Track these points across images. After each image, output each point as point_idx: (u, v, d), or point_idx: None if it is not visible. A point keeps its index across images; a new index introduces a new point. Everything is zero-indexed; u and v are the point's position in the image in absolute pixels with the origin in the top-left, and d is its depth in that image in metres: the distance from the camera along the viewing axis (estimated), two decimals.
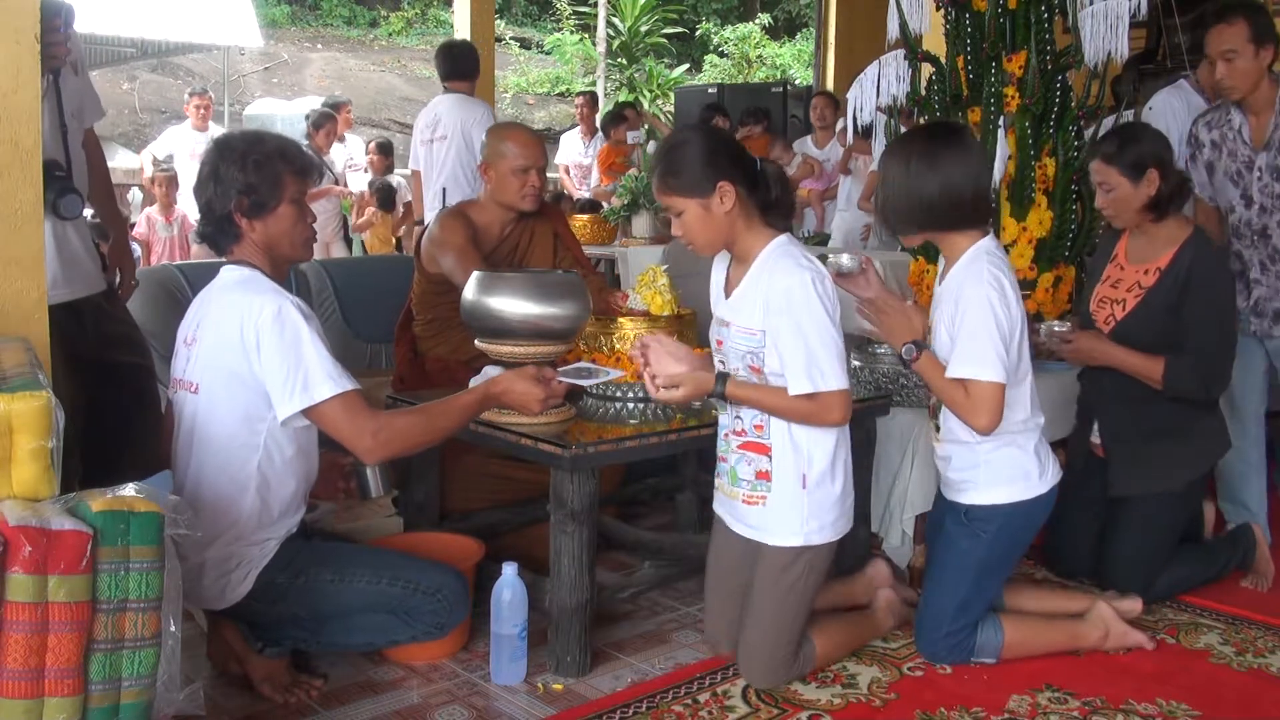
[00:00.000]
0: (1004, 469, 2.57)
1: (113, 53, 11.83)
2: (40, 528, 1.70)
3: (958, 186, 2.47)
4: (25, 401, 1.74)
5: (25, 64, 2.09)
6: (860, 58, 4.59)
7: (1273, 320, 3.25)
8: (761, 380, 2.41)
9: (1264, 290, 3.26)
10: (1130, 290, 2.99)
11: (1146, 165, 2.87)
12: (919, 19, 3.78)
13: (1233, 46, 3.15)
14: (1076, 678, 2.57)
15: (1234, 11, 3.21)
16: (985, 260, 2.49)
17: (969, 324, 2.45)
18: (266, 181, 2.39)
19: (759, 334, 2.37)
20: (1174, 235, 2.94)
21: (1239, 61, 3.16)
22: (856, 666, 2.61)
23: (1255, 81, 3.18)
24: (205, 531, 2.30)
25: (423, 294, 3.41)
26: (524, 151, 3.27)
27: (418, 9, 18.50)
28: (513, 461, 3.05)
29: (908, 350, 2.54)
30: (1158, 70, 6.35)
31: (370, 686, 2.51)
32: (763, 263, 2.40)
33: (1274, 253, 3.22)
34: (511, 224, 3.38)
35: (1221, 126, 3.32)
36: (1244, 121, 3.25)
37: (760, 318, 2.36)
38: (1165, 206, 2.92)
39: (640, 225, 5.90)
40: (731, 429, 2.50)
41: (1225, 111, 3.31)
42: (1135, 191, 2.90)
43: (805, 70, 15.53)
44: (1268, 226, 3.22)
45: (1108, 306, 3.04)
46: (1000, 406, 2.45)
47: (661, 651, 2.72)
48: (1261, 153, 3.22)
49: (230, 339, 2.31)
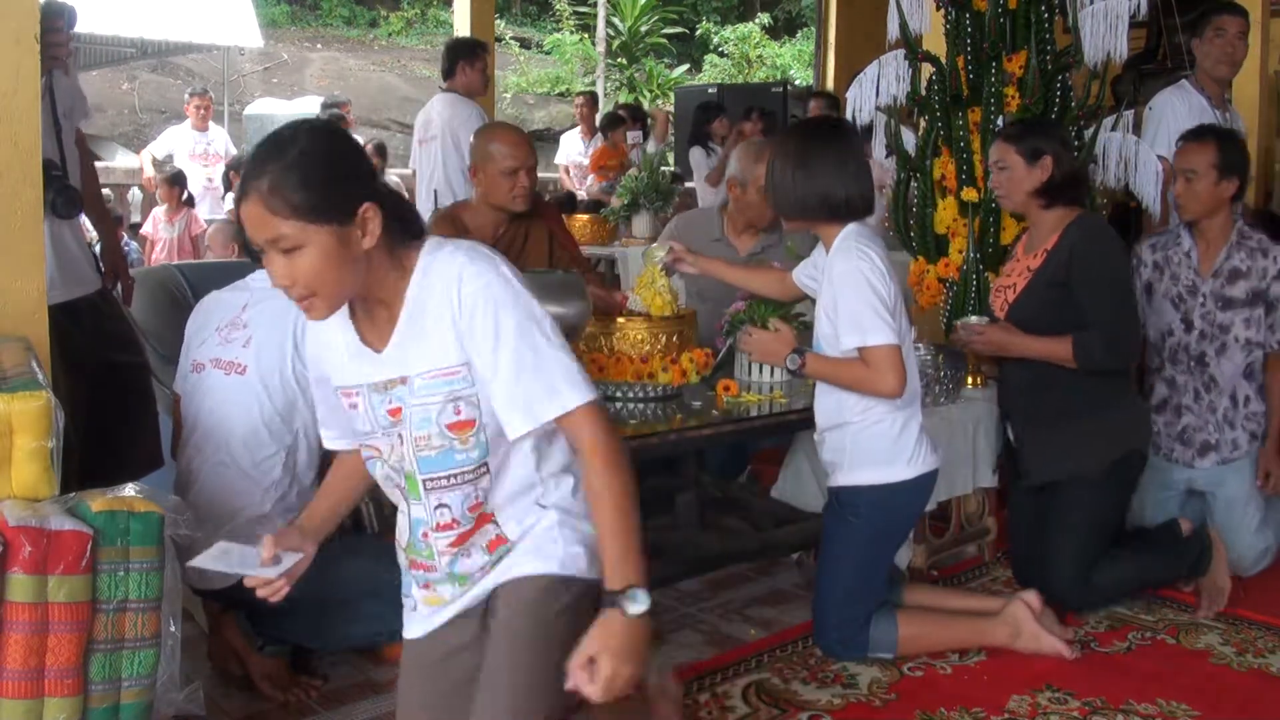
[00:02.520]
0: (869, 451, 2.57)
1: (113, 53, 11.82)
2: (40, 528, 1.70)
3: (829, 186, 2.53)
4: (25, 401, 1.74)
5: (25, 64, 2.09)
6: (860, 58, 4.59)
7: (1198, 451, 3.20)
8: (464, 435, 1.72)
9: (1193, 419, 3.21)
10: (1020, 275, 3.00)
11: (1043, 152, 2.90)
12: (919, 19, 3.78)
13: (1194, 167, 3.12)
14: (1076, 678, 2.57)
15: (1207, 134, 3.19)
16: (853, 239, 2.54)
17: (845, 298, 2.49)
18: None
19: (460, 369, 1.70)
20: (1060, 221, 2.94)
21: (1198, 183, 3.12)
22: (857, 667, 2.61)
23: (1211, 208, 3.14)
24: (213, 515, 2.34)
25: None
26: (512, 152, 3.25)
27: (418, 9, 18.50)
28: None
29: (791, 360, 2.62)
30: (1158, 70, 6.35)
31: (370, 686, 2.51)
32: (425, 278, 1.71)
33: (1209, 381, 3.18)
34: (505, 225, 3.37)
35: (1168, 249, 3.27)
36: (1193, 246, 3.21)
37: (456, 349, 1.69)
38: (1055, 195, 2.93)
39: (640, 225, 5.91)
40: (432, 524, 1.79)
41: (1175, 234, 3.28)
42: (1028, 174, 2.92)
43: (805, 70, 15.52)
44: (1206, 354, 3.18)
45: (1002, 294, 3.05)
46: (900, 366, 2.47)
47: (662, 651, 2.72)
48: (1209, 280, 3.17)
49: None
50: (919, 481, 2.60)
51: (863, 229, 2.59)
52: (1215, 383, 3.19)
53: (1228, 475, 3.19)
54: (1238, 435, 3.19)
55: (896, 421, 2.56)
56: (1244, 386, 3.18)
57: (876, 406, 2.54)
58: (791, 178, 2.57)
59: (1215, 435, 3.19)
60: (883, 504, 2.58)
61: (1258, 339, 3.16)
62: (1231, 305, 3.15)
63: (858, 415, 2.56)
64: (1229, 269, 3.16)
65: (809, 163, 2.55)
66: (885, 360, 2.46)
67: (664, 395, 2.89)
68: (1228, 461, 3.19)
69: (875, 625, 2.60)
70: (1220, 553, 3.02)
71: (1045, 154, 2.91)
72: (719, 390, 2.94)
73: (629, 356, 2.89)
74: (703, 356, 2.97)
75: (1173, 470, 3.25)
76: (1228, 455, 3.19)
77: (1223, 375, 3.18)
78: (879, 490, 2.57)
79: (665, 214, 5.87)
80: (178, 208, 6.80)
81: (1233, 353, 3.17)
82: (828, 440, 2.64)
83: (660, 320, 2.96)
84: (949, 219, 3.62)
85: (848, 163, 2.56)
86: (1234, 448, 3.19)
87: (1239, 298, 3.15)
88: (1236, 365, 3.17)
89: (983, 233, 3.54)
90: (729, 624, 2.91)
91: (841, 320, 2.51)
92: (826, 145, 2.57)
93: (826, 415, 2.63)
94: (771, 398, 2.97)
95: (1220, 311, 3.16)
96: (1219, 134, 3.21)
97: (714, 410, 2.85)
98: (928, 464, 2.61)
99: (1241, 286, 3.14)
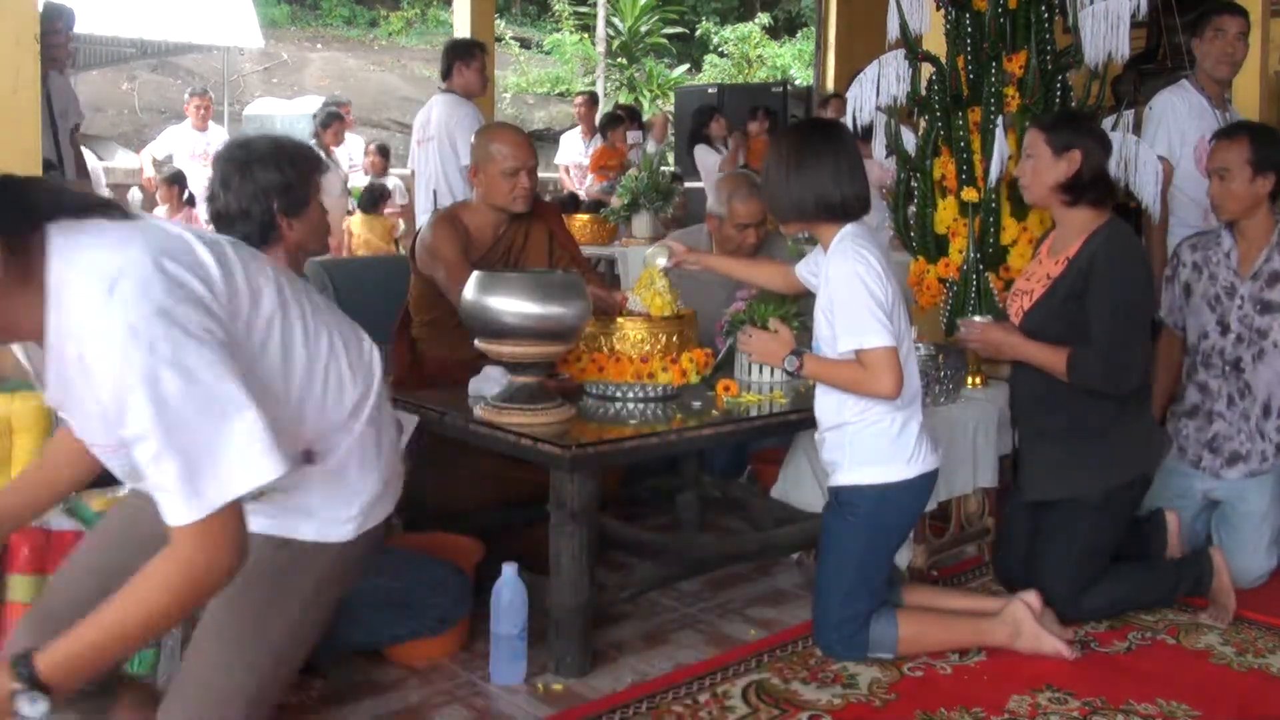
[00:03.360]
0: (869, 450, 2.56)
1: (113, 53, 11.83)
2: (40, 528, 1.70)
3: (824, 187, 2.54)
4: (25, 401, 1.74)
5: (25, 64, 2.10)
6: (860, 58, 4.59)
7: (1227, 461, 3.12)
8: None
9: (1224, 427, 3.12)
10: (1040, 281, 2.91)
11: (1073, 145, 2.82)
12: (919, 19, 3.78)
13: (1227, 165, 3.04)
14: (1076, 678, 2.57)
15: (1240, 130, 3.10)
16: (849, 240, 2.54)
17: (841, 300, 2.50)
18: (301, 179, 2.41)
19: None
20: (1087, 225, 2.85)
21: (1232, 181, 3.05)
22: (856, 667, 2.61)
23: (1249, 206, 3.06)
24: None
25: (419, 295, 3.40)
26: (513, 153, 3.25)
27: (418, 9, 18.50)
28: (513, 461, 3.05)
29: (789, 362, 2.62)
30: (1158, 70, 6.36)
31: (370, 686, 2.51)
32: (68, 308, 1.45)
33: (1244, 388, 3.09)
34: (505, 225, 3.37)
35: (1208, 248, 3.19)
36: (1234, 246, 3.13)
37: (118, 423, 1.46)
38: (1080, 192, 2.83)
39: (640, 225, 5.91)
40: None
41: (1215, 234, 3.21)
42: (1054, 165, 2.83)
43: (805, 70, 15.53)
44: (1242, 359, 3.09)
45: (1019, 298, 2.97)
46: (897, 367, 2.47)
47: (661, 651, 2.72)
48: (1248, 282, 3.08)
49: None
50: (919, 481, 2.60)
51: (860, 229, 2.59)
52: (1250, 389, 3.10)
53: (1250, 489, 3.11)
54: (1266, 447, 3.10)
55: (896, 421, 2.56)
56: (1279, 395, 3.09)
57: (876, 406, 2.54)
58: (785, 180, 2.57)
59: (1247, 445, 3.11)
60: (883, 503, 2.58)
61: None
62: (1271, 309, 3.06)
63: (857, 415, 2.56)
64: (1269, 271, 3.07)
65: (803, 164, 2.55)
66: (881, 362, 2.47)
67: (664, 395, 2.90)
68: (1255, 474, 3.10)
69: (875, 625, 2.60)
70: (1223, 571, 2.91)
71: (1074, 148, 2.81)
72: (719, 390, 2.94)
73: (629, 356, 2.90)
74: (703, 356, 2.97)
75: (1195, 479, 3.17)
76: (1256, 468, 3.10)
77: (1258, 382, 3.09)
78: (879, 490, 2.57)
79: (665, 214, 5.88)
80: (178, 207, 6.80)
81: (1271, 359, 3.07)
82: (828, 440, 2.64)
83: (660, 320, 2.96)
84: (949, 219, 3.62)
85: (841, 163, 2.55)
86: (1263, 459, 3.10)
87: (1278, 301, 3.06)
88: (1275, 372, 3.08)
89: (983, 233, 3.55)
90: (729, 624, 2.91)
91: (839, 322, 2.52)
92: (820, 146, 2.57)
93: (827, 415, 2.63)
94: (771, 398, 2.98)
95: (1259, 315, 3.07)
96: (1252, 129, 3.13)
97: (714, 410, 2.86)
98: (928, 464, 2.60)
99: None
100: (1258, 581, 3.11)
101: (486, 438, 2.69)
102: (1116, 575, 2.88)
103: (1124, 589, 2.89)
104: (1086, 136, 2.85)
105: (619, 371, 2.88)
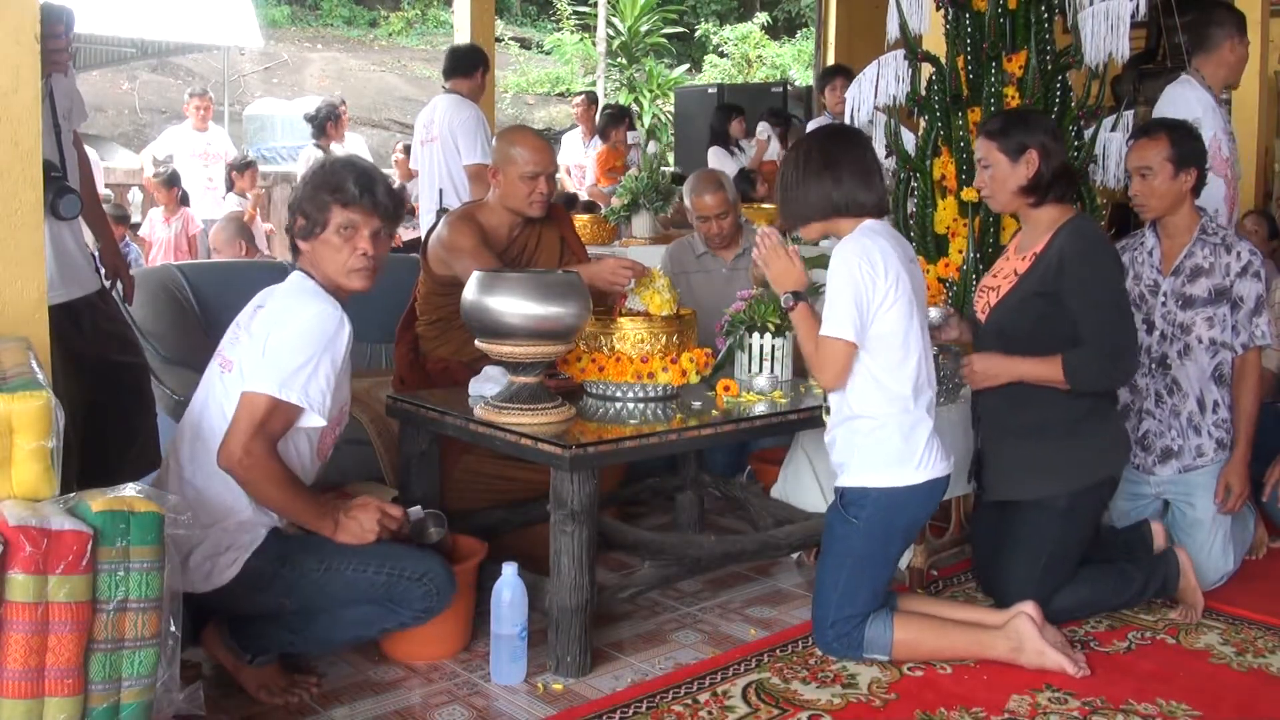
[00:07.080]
0: (877, 452, 2.56)
1: (113, 53, 11.81)
2: (40, 528, 1.70)
3: (850, 191, 2.56)
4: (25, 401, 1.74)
5: (25, 64, 2.09)
6: (860, 58, 4.60)
7: (1159, 458, 3.13)
8: None
9: (1153, 424, 3.14)
10: (1006, 278, 2.89)
11: (1027, 146, 2.78)
12: (919, 19, 3.78)
13: (1148, 164, 3.05)
14: (1076, 678, 2.57)
15: (1159, 128, 3.10)
16: (861, 234, 2.56)
17: (830, 285, 2.53)
18: (313, 207, 2.49)
19: None
20: (1053, 221, 2.83)
21: (1154, 179, 3.05)
22: (856, 666, 2.61)
23: (1171, 203, 3.07)
24: (204, 514, 2.32)
25: (428, 295, 3.40)
26: (534, 158, 3.26)
27: (418, 9, 18.51)
28: (513, 461, 3.05)
29: (786, 299, 2.63)
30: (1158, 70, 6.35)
31: (370, 686, 2.51)
32: None
33: (1172, 385, 3.11)
34: (519, 228, 3.38)
35: (1134, 250, 3.20)
36: (1156, 245, 3.14)
37: None
38: (1044, 191, 2.81)
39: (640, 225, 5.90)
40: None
41: (1141, 235, 3.22)
42: (1012, 171, 2.80)
43: (805, 70, 15.52)
44: (1168, 356, 3.10)
45: (985, 294, 2.96)
46: (845, 367, 2.51)
47: (661, 651, 2.72)
48: (1169, 278, 3.10)
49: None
50: (926, 487, 2.58)
51: (879, 225, 2.59)
52: (1179, 386, 3.11)
53: (1197, 492, 3.10)
54: (1203, 442, 3.09)
55: (904, 424, 2.55)
56: (1213, 391, 3.09)
57: (877, 406, 2.54)
58: (806, 183, 2.58)
59: (1178, 441, 3.11)
60: (888, 507, 2.58)
61: (1223, 339, 3.06)
62: (1192, 304, 3.07)
63: (857, 412, 2.56)
64: (1190, 266, 3.08)
65: (828, 166, 2.57)
66: (830, 354, 2.51)
67: (664, 395, 2.90)
68: (1190, 469, 3.10)
69: (871, 626, 2.60)
70: (1188, 572, 2.93)
71: (1029, 148, 2.78)
72: (719, 390, 2.94)
73: (629, 356, 2.90)
74: (703, 356, 2.97)
75: (1140, 480, 3.17)
76: (1190, 462, 3.10)
77: (1187, 378, 3.10)
78: (885, 493, 2.57)
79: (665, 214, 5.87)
80: (174, 208, 6.81)
81: (1197, 355, 3.08)
82: (838, 440, 2.64)
83: (660, 320, 2.96)
84: (949, 219, 3.62)
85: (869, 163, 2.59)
86: (1198, 454, 3.09)
87: (1200, 296, 3.06)
88: (1202, 368, 3.08)
89: (982, 233, 3.55)
90: (729, 624, 2.91)
91: (825, 306, 2.54)
92: (846, 149, 2.60)
93: (835, 410, 2.64)
94: (771, 397, 2.98)
95: (1180, 310, 3.08)
96: (1169, 126, 3.12)
97: (714, 410, 2.86)
98: (937, 470, 2.59)
99: (1203, 284, 3.06)
100: (1219, 582, 3.11)
101: (486, 438, 2.70)
102: (1084, 578, 2.87)
103: (1092, 592, 2.87)
104: (1038, 133, 2.81)
105: (619, 371, 2.88)
